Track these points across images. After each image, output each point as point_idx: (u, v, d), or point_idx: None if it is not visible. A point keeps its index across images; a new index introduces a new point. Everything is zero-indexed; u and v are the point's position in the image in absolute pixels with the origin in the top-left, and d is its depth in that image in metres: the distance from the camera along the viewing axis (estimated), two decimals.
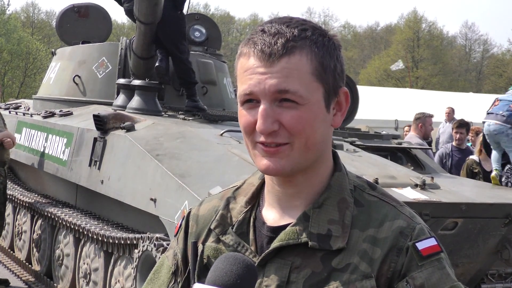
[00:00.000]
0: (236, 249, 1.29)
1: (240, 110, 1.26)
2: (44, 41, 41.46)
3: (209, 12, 54.03)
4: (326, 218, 1.26)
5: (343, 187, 1.29)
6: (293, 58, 1.21)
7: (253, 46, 1.22)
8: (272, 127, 1.21)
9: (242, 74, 1.24)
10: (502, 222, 4.35)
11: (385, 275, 1.22)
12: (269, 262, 1.26)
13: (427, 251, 1.23)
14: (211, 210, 1.38)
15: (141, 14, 5.83)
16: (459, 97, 20.24)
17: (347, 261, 1.22)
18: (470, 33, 55.06)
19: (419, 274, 1.21)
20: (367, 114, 14.29)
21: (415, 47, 48.65)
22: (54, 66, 7.67)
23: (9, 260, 7.15)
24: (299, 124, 1.21)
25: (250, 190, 1.36)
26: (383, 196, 1.31)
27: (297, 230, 1.25)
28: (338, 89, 1.27)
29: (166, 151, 4.57)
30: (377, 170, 4.51)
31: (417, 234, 1.24)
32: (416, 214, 1.31)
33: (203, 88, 6.92)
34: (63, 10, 8.17)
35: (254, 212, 1.33)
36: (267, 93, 1.20)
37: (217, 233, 1.33)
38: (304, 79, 1.21)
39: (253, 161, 1.28)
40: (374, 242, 1.23)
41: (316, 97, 1.23)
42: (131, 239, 4.57)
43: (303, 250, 1.24)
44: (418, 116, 7.98)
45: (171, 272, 1.39)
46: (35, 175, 7.34)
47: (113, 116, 5.32)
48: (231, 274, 1.12)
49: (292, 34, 1.21)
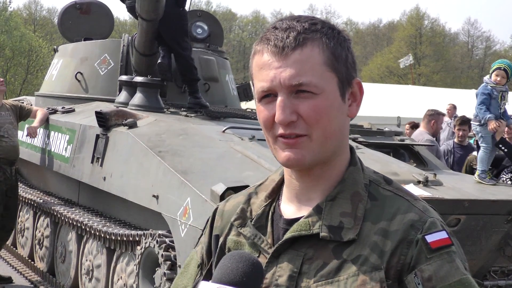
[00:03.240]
0: (253, 241, 1.33)
1: (258, 106, 1.30)
2: (46, 38, 41.43)
3: (211, 9, 53.96)
4: (338, 211, 1.28)
5: (357, 181, 1.31)
6: (305, 50, 1.25)
7: (267, 42, 1.27)
8: (290, 117, 1.24)
9: (257, 71, 1.28)
10: (505, 218, 4.35)
11: (395, 267, 1.23)
12: (282, 253, 1.28)
13: (437, 244, 1.23)
14: (236, 205, 1.42)
15: (143, 11, 5.83)
16: (461, 94, 20.17)
17: (358, 252, 1.24)
18: (473, 29, 55.01)
19: (427, 266, 1.22)
20: (369, 111, 14.27)
21: (417, 44, 48.59)
22: (56, 63, 7.67)
23: (12, 257, 7.16)
24: (316, 113, 1.24)
25: (271, 185, 1.40)
26: (398, 191, 1.32)
27: (309, 221, 1.28)
28: (352, 80, 1.31)
29: (169, 148, 4.57)
30: (379, 166, 4.50)
31: (428, 227, 1.25)
32: (432, 208, 1.32)
33: (205, 85, 6.92)
34: (65, 7, 8.17)
35: (273, 206, 1.37)
36: (283, 85, 1.24)
37: (237, 226, 1.37)
38: (317, 69, 1.25)
39: (274, 156, 1.31)
40: (385, 235, 1.25)
41: (331, 86, 1.27)
42: (134, 236, 4.57)
43: (316, 242, 1.27)
44: (431, 113, 7.89)
45: (198, 265, 1.43)
46: (38, 172, 7.34)
47: (115, 113, 5.31)
48: (237, 271, 1.13)
49: (303, 27, 1.26)
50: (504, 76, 5.18)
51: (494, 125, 5.10)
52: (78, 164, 5.65)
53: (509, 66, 5.22)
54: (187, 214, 3.90)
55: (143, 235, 4.41)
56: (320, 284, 1.24)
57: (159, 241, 4.15)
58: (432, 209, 1.31)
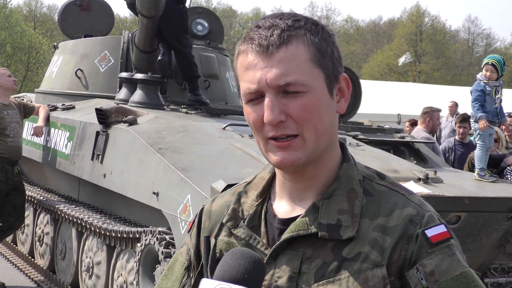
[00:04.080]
0: (248, 242, 1.31)
1: (246, 108, 1.27)
2: (47, 35, 41.45)
3: (211, 6, 53.92)
4: (335, 209, 1.27)
5: (352, 178, 1.30)
6: (290, 47, 1.22)
7: (250, 42, 1.24)
8: (279, 117, 1.21)
9: (243, 72, 1.25)
10: (505, 216, 4.35)
11: (396, 263, 1.23)
12: (280, 253, 1.27)
13: (437, 238, 1.23)
14: (224, 205, 1.40)
15: (143, 7, 5.82)
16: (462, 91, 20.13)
17: (357, 250, 1.23)
18: (473, 27, 54.98)
19: (429, 261, 1.22)
20: (369, 108, 14.25)
21: (418, 41, 48.56)
22: (56, 60, 7.67)
23: (12, 254, 7.17)
24: (306, 112, 1.22)
25: (261, 184, 1.37)
26: (392, 185, 1.32)
27: (306, 221, 1.26)
28: (338, 75, 1.29)
29: (169, 145, 4.57)
30: (379, 164, 4.50)
31: (427, 221, 1.25)
32: (426, 201, 1.32)
33: (206, 82, 6.91)
34: (65, 4, 8.17)
35: (265, 205, 1.34)
36: (270, 85, 1.21)
37: (229, 227, 1.34)
38: (304, 66, 1.23)
39: (265, 158, 1.28)
40: (384, 231, 1.24)
41: (318, 83, 1.24)
42: (134, 233, 4.57)
43: (314, 240, 1.25)
44: (426, 111, 7.95)
45: (184, 268, 1.41)
46: (38, 169, 7.34)
47: (116, 109, 5.31)
48: (239, 269, 1.12)
49: (287, 25, 1.23)
50: (493, 71, 5.18)
51: (483, 124, 5.13)
52: (78, 161, 5.65)
53: (498, 60, 5.23)
54: (187, 211, 3.90)
55: (143, 232, 4.41)
56: (321, 284, 1.23)
57: (159, 238, 4.15)
58: (427, 203, 1.31)
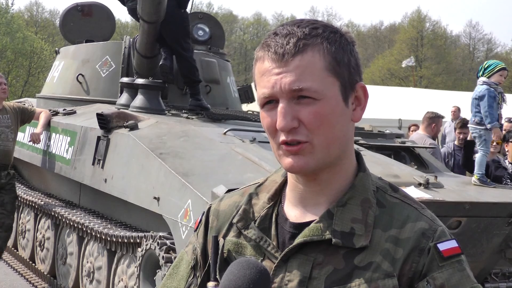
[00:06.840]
0: (258, 244, 1.31)
1: (262, 113, 1.29)
2: (48, 40, 41.52)
3: (212, 11, 54.02)
4: (349, 217, 1.28)
5: (367, 188, 1.31)
6: (306, 56, 1.23)
7: (267, 49, 1.26)
8: (291, 124, 1.23)
9: (259, 77, 1.28)
10: (506, 221, 4.35)
11: (407, 275, 1.24)
12: (291, 257, 1.27)
13: (448, 252, 1.25)
14: (232, 205, 1.40)
15: (145, 13, 5.83)
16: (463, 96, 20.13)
17: (369, 259, 1.24)
18: (474, 32, 55.03)
19: (439, 274, 1.23)
20: (370, 113, 14.21)
21: (419, 46, 48.60)
22: (57, 65, 7.68)
23: (12, 259, 7.17)
24: (317, 119, 1.23)
25: (273, 187, 1.38)
26: (405, 198, 1.33)
27: (321, 227, 1.27)
28: (355, 84, 1.29)
29: (170, 150, 4.57)
30: (380, 169, 4.50)
31: (439, 236, 1.26)
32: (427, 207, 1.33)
33: (207, 87, 6.92)
34: (67, 9, 8.18)
35: (276, 208, 1.35)
36: (284, 91, 1.23)
37: (239, 227, 1.35)
38: (318, 75, 1.24)
39: (278, 162, 1.30)
40: (396, 242, 1.25)
41: (333, 91, 1.25)
42: (135, 238, 4.57)
43: (326, 247, 1.26)
44: (431, 116, 7.77)
45: (190, 267, 1.41)
46: (39, 174, 7.35)
47: (117, 115, 5.32)
48: (244, 278, 1.13)
49: (303, 33, 1.24)
50: (506, 76, 5.19)
51: (498, 133, 5.15)
52: (79, 166, 5.66)
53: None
54: (188, 216, 3.90)
55: (144, 237, 4.41)
56: None
57: (160, 243, 4.15)
58: (437, 218, 1.33)
